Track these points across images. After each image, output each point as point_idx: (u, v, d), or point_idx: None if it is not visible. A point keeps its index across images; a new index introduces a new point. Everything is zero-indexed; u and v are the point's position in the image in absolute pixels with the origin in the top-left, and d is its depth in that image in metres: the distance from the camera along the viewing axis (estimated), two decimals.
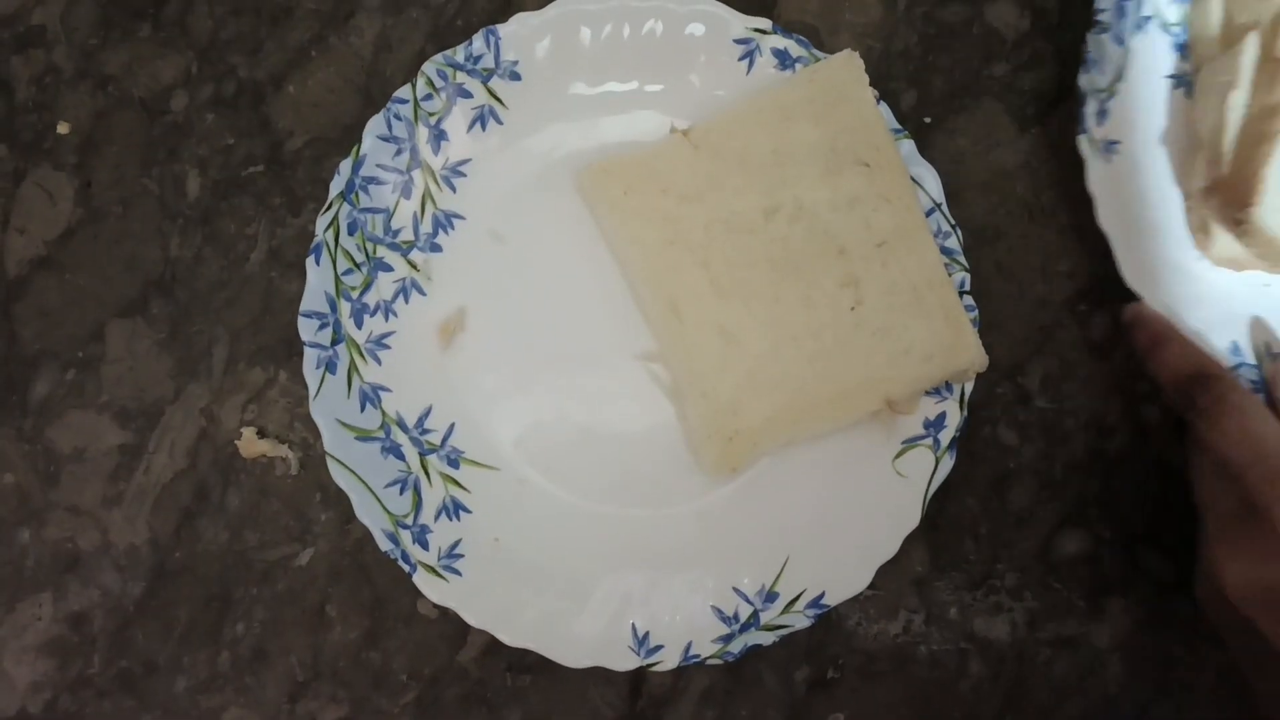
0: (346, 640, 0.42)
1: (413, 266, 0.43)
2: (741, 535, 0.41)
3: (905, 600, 0.42)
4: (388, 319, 0.42)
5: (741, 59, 0.43)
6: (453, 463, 0.41)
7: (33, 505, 0.43)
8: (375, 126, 0.42)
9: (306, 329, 0.41)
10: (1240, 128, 0.40)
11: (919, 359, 0.40)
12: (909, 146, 0.43)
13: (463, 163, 0.43)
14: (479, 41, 0.43)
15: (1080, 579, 0.42)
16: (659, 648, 0.39)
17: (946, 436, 0.40)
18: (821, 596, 0.39)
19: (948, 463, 0.40)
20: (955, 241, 0.42)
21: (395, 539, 0.39)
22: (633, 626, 0.39)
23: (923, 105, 0.45)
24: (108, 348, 0.44)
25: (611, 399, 0.42)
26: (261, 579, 0.42)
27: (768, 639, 0.39)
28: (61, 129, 0.46)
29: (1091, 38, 0.41)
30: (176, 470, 0.43)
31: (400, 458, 0.41)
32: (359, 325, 0.42)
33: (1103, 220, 0.40)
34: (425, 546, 0.40)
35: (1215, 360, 0.38)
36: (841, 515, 0.40)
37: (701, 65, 0.44)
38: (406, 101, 0.42)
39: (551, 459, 0.42)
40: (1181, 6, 0.43)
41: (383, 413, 0.41)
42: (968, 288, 0.42)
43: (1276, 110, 0.39)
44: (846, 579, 0.39)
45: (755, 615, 0.39)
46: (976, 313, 0.41)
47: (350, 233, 0.42)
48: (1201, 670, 0.41)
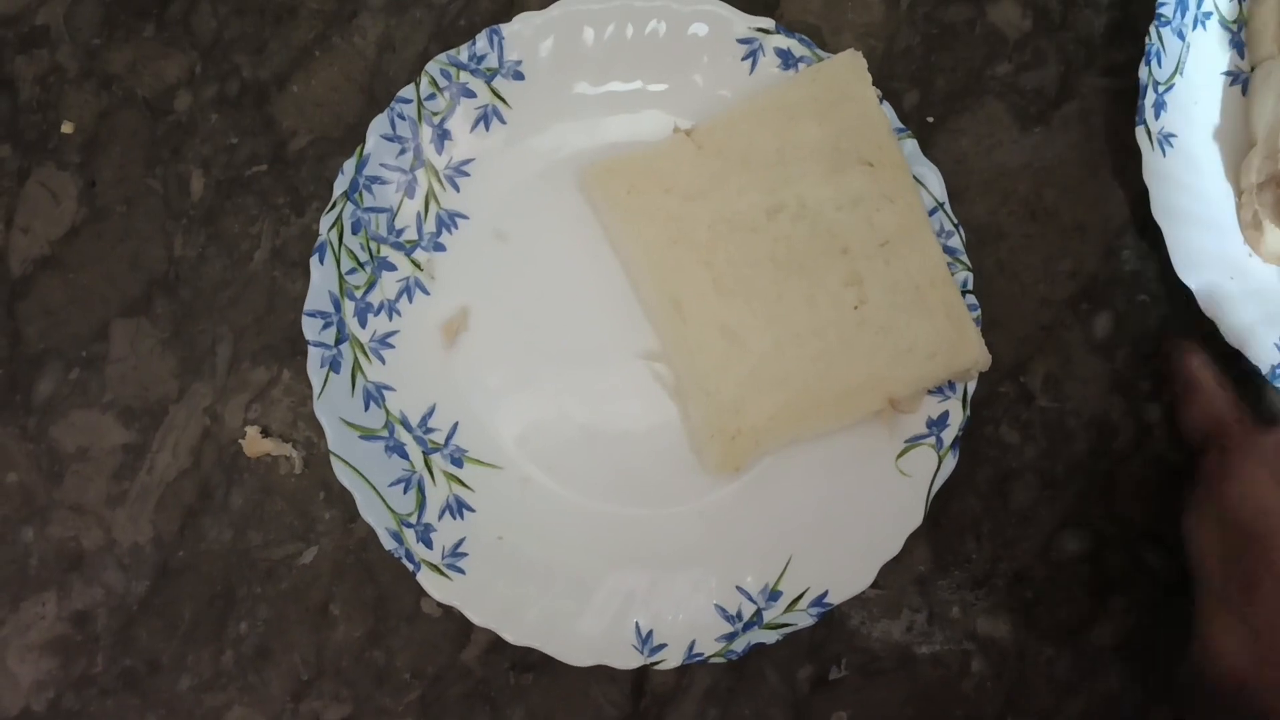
0: (350, 639, 0.42)
1: (416, 266, 0.43)
2: (744, 534, 0.41)
3: (908, 599, 0.42)
4: (391, 318, 0.42)
5: (745, 58, 0.43)
6: (456, 461, 0.42)
7: (36, 504, 0.43)
8: (379, 126, 0.42)
9: (310, 328, 0.41)
10: None
11: (922, 358, 0.40)
12: (912, 146, 0.43)
13: (466, 162, 0.44)
14: (482, 41, 0.43)
15: (1082, 578, 0.42)
16: (662, 646, 0.39)
17: (949, 435, 0.40)
18: (824, 595, 0.39)
19: (950, 462, 0.40)
20: (958, 241, 0.42)
21: (399, 538, 0.40)
22: (636, 625, 0.39)
23: (925, 105, 0.45)
24: (112, 347, 0.44)
25: (614, 398, 0.42)
26: (265, 578, 0.42)
27: (771, 638, 0.39)
28: (66, 128, 0.46)
29: (1154, 30, 0.42)
30: (180, 469, 0.43)
31: (404, 456, 0.41)
32: (363, 324, 0.42)
33: (1156, 212, 0.41)
34: (429, 545, 0.40)
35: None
36: (844, 514, 0.40)
37: (705, 65, 0.44)
38: (410, 101, 0.43)
39: (555, 458, 0.42)
40: (1240, 4, 0.44)
41: (386, 412, 0.41)
42: (970, 287, 0.42)
43: None
44: (849, 578, 0.39)
45: (758, 614, 0.40)
46: (979, 312, 0.41)
47: (354, 232, 0.42)
48: None
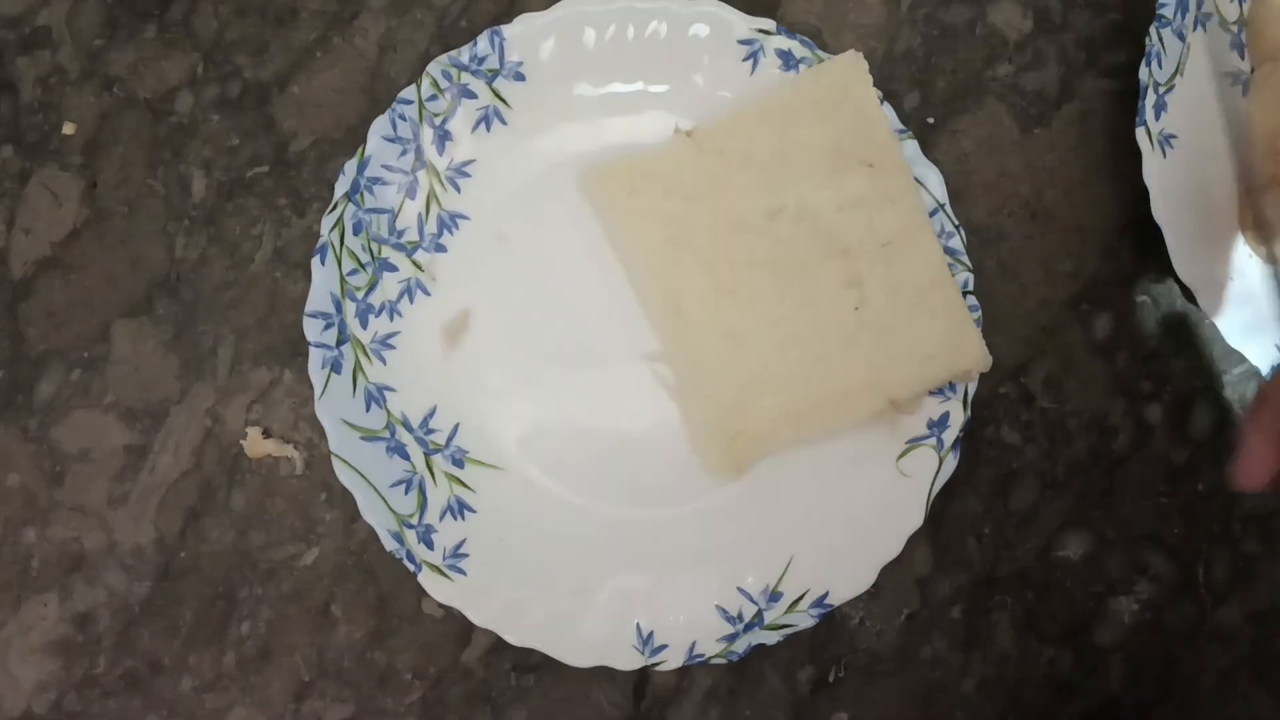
0: (352, 640, 0.42)
1: (417, 267, 0.43)
2: (745, 535, 0.41)
3: (909, 600, 0.42)
4: (393, 319, 0.42)
5: (745, 60, 0.44)
6: (457, 462, 0.42)
7: (38, 505, 0.43)
8: (380, 127, 0.42)
9: (312, 329, 0.41)
10: None
11: (922, 359, 0.40)
12: (912, 147, 0.43)
13: (467, 163, 0.44)
14: (483, 42, 0.43)
15: (1083, 579, 0.42)
16: (663, 647, 0.39)
17: (950, 436, 0.40)
18: (825, 596, 0.39)
19: (951, 462, 0.40)
20: (958, 242, 0.42)
21: (400, 539, 0.40)
22: (637, 626, 0.40)
23: (926, 106, 0.45)
24: (113, 348, 0.44)
25: (616, 399, 0.42)
26: (266, 578, 0.42)
27: (772, 638, 0.39)
28: (67, 130, 0.46)
29: (1154, 31, 0.42)
30: (182, 470, 0.43)
31: (405, 457, 0.41)
32: (364, 325, 0.42)
33: (1156, 213, 0.41)
34: (430, 546, 0.40)
35: None
36: (845, 515, 0.40)
37: (706, 66, 0.44)
38: (411, 102, 0.43)
39: (556, 459, 0.42)
40: (1241, 5, 0.44)
41: (388, 412, 0.41)
42: (971, 288, 0.42)
43: None
44: (850, 579, 0.39)
45: (759, 615, 0.40)
46: (979, 313, 0.41)
47: (355, 233, 0.42)
48: (1204, 671, 0.41)
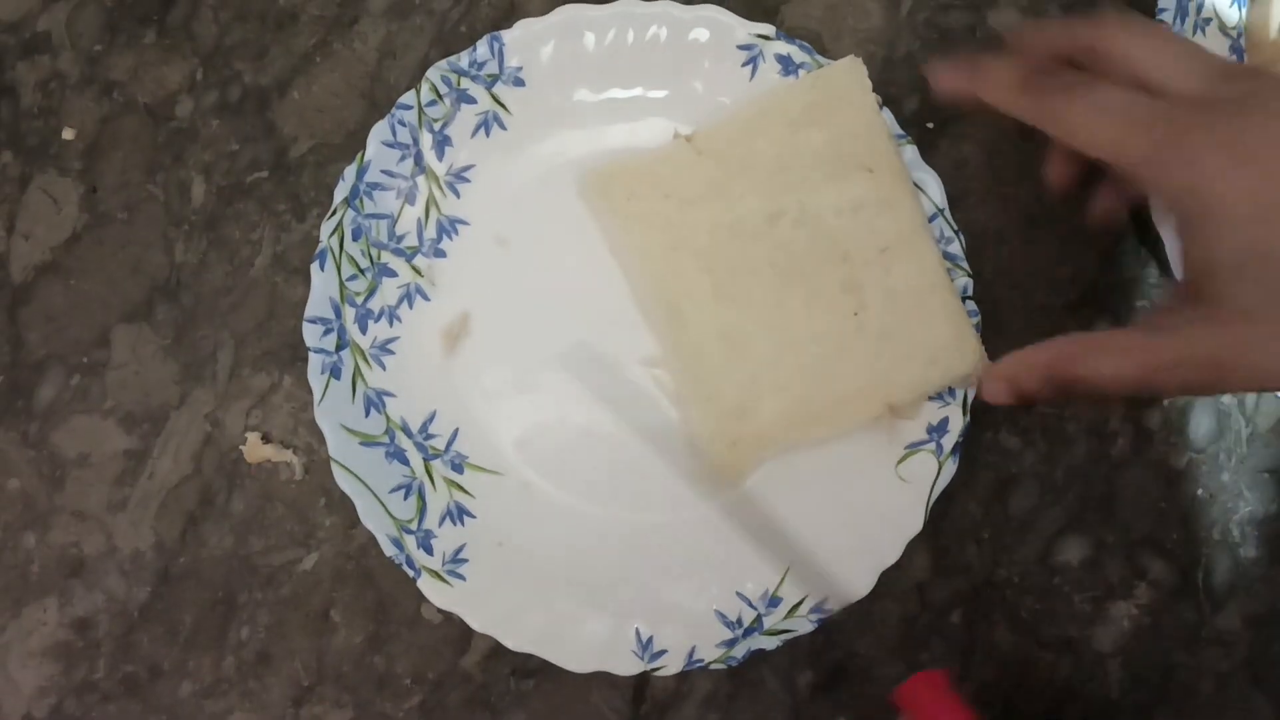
0: (350, 644, 0.42)
1: (417, 272, 0.43)
2: (744, 540, 0.41)
3: (908, 605, 0.42)
4: (392, 324, 0.42)
5: (745, 64, 0.44)
6: (457, 468, 0.42)
7: (38, 510, 0.43)
8: (380, 132, 0.42)
9: (311, 334, 0.41)
10: None
11: (922, 364, 0.40)
12: (911, 152, 0.43)
13: (467, 168, 0.44)
14: (483, 47, 0.43)
15: (1082, 584, 0.42)
16: (663, 652, 0.39)
17: (949, 442, 0.40)
18: (824, 601, 0.39)
19: (950, 468, 0.40)
20: (958, 247, 0.42)
21: (400, 544, 0.40)
22: (636, 631, 0.40)
23: (925, 111, 0.45)
24: (113, 353, 0.44)
25: (615, 404, 0.42)
26: (266, 583, 0.42)
27: (771, 643, 0.39)
28: (67, 134, 0.46)
29: None
30: (181, 475, 0.43)
31: (404, 463, 0.41)
32: (363, 330, 0.42)
33: (1156, 217, 0.41)
34: (429, 551, 0.40)
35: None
36: (844, 520, 0.40)
37: (705, 71, 0.44)
38: (411, 107, 0.43)
39: (555, 464, 0.42)
40: (1241, 10, 0.43)
41: (387, 418, 0.41)
42: (970, 293, 0.42)
43: None
44: (849, 583, 0.39)
45: (759, 620, 0.40)
46: (979, 318, 0.41)
47: (355, 238, 0.42)
48: (1203, 676, 0.41)
